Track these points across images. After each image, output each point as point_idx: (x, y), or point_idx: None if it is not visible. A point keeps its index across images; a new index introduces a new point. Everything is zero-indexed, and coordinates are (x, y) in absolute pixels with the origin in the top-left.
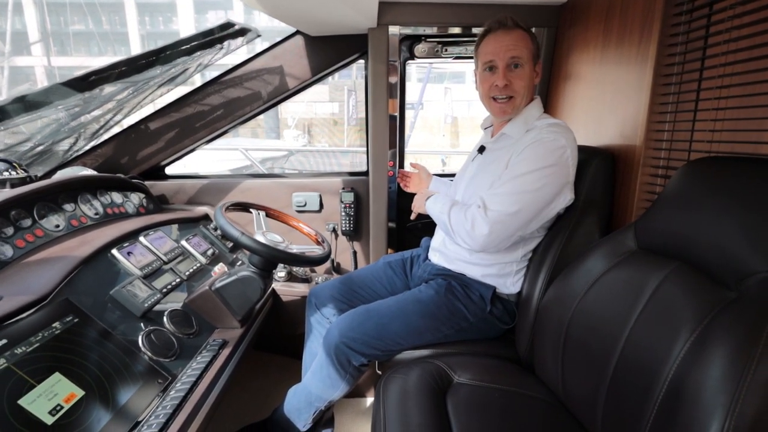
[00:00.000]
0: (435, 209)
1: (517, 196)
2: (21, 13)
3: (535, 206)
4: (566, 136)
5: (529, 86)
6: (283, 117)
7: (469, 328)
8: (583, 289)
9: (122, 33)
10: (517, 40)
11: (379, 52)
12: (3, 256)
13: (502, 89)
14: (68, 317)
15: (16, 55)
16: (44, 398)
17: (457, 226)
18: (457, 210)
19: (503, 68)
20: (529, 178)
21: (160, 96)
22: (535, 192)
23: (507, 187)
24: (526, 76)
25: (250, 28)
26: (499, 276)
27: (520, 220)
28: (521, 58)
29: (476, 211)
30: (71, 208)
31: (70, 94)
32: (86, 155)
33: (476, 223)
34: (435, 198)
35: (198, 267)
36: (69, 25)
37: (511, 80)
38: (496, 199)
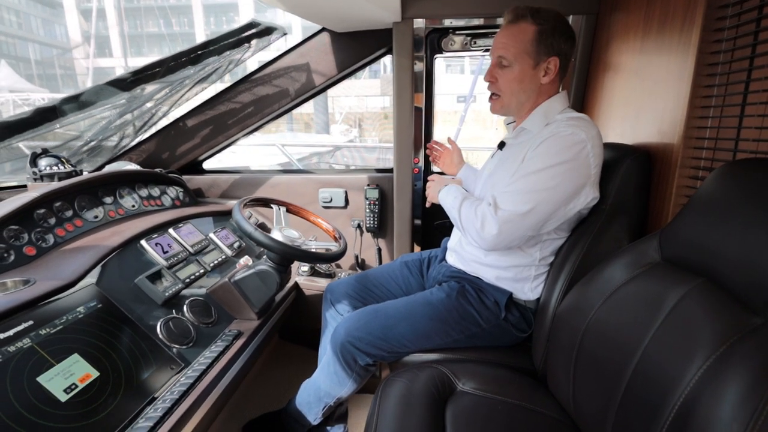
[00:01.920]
0: (447, 201)
1: (529, 194)
2: (104, 18)
3: (549, 206)
4: (587, 130)
5: (520, 87)
6: (331, 112)
7: (481, 334)
8: (600, 299)
9: (190, 33)
10: (509, 38)
11: (403, 47)
12: (45, 244)
13: (490, 86)
14: (92, 302)
15: (99, 56)
16: (61, 377)
17: (466, 222)
18: (468, 205)
19: (492, 65)
20: (542, 175)
21: (195, 95)
22: (548, 191)
23: (519, 185)
24: (513, 76)
25: (276, 26)
26: (515, 280)
27: (532, 220)
28: (506, 58)
29: (486, 209)
30: (110, 201)
31: (115, 94)
32: (132, 151)
33: (486, 221)
34: (448, 189)
35: (223, 259)
36: (144, 28)
37: (498, 78)
38: (507, 198)
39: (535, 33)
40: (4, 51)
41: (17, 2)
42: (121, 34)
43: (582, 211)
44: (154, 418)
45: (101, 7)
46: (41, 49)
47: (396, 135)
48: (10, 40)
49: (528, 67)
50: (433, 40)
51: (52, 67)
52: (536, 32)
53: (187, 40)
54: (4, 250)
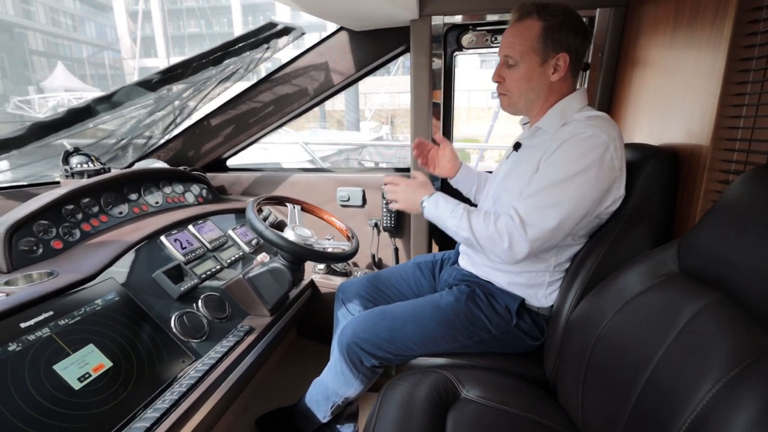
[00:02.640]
0: (443, 218)
1: (557, 208)
2: (150, 20)
3: (577, 216)
4: (608, 130)
5: (528, 86)
6: (362, 109)
7: (490, 341)
8: (614, 309)
9: (229, 33)
10: (514, 36)
11: (420, 45)
12: (71, 238)
13: (498, 86)
14: (110, 295)
15: (145, 56)
16: (76, 366)
17: (486, 241)
18: (479, 221)
19: (499, 64)
20: (569, 184)
21: (218, 95)
22: (576, 200)
23: (545, 197)
24: (520, 75)
25: (294, 26)
26: (528, 286)
27: (561, 232)
28: (512, 56)
29: (512, 226)
30: (135, 197)
31: (143, 94)
32: (160, 149)
33: (514, 240)
34: (435, 202)
35: (240, 255)
36: (186, 28)
37: (505, 77)
38: (535, 214)
39: (541, 29)
40: (60, 53)
41: (73, 7)
42: (165, 34)
43: (601, 216)
44: (161, 409)
45: (147, 9)
46: (93, 51)
47: (413, 134)
48: (66, 42)
49: (535, 65)
50: (453, 37)
51: (102, 67)
52: (542, 28)
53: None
54: (34, 244)
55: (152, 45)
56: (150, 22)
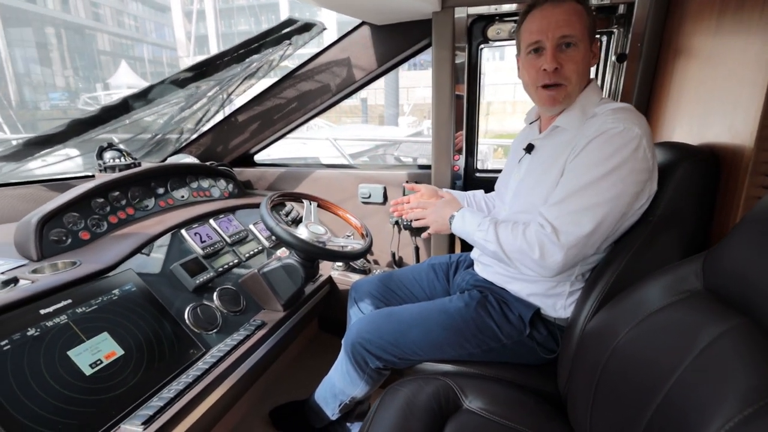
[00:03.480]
0: (469, 229)
1: (592, 210)
2: (204, 19)
3: (613, 218)
4: (639, 122)
5: (584, 70)
6: (402, 103)
7: (501, 350)
8: (629, 324)
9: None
10: (569, 14)
11: (442, 38)
12: (99, 230)
13: (552, 74)
14: (128, 285)
15: (199, 54)
16: (89, 353)
17: (516, 253)
18: (507, 231)
19: (552, 49)
20: (603, 184)
21: (244, 92)
22: (612, 201)
23: (578, 201)
24: (581, 57)
25: (314, 22)
26: (546, 296)
27: (598, 237)
28: (574, 36)
29: (543, 235)
30: (162, 192)
31: (174, 90)
32: (191, 144)
33: (546, 249)
34: (462, 216)
35: (259, 250)
36: (236, 26)
37: (563, 63)
38: (567, 219)
39: (585, 12)
40: (124, 52)
41: (136, 8)
42: (217, 32)
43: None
44: (166, 398)
45: (201, 9)
46: (153, 50)
47: (434, 132)
48: (129, 42)
49: (588, 47)
50: (478, 29)
51: (161, 65)
52: (586, 11)
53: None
54: (63, 234)
55: (205, 43)
56: (204, 21)
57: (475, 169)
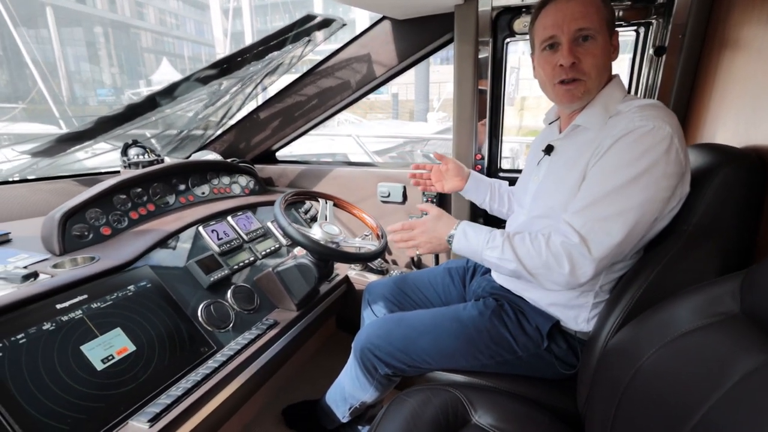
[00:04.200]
0: (474, 249)
1: (623, 216)
2: (240, 16)
3: (645, 224)
4: (669, 120)
5: (604, 64)
6: (431, 98)
7: (515, 362)
8: (656, 344)
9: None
10: (585, 5)
11: (465, 32)
12: (120, 225)
13: (569, 69)
14: (143, 282)
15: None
16: (101, 348)
17: (542, 269)
18: (526, 247)
19: (568, 42)
20: (633, 188)
21: (265, 89)
22: (644, 205)
23: (607, 207)
24: (600, 51)
25: (333, 18)
26: (567, 307)
27: (629, 245)
28: (591, 28)
29: (570, 246)
30: (183, 188)
31: (197, 87)
32: (215, 141)
33: (577, 263)
34: (464, 231)
35: (276, 247)
36: (271, 23)
37: (581, 57)
38: (596, 227)
39: (603, 3)
40: (166, 49)
41: (177, 7)
42: (252, 29)
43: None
44: (173, 396)
45: (238, 6)
46: (192, 47)
47: (455, 129)
48: (170, 40)
49: (608, 40)
50: (504, 22)
51: (200, 62)
52: (604, 3)
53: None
54: (86, 229)
55: (241, 39)
56: (240, 18)
57: (498, 169)
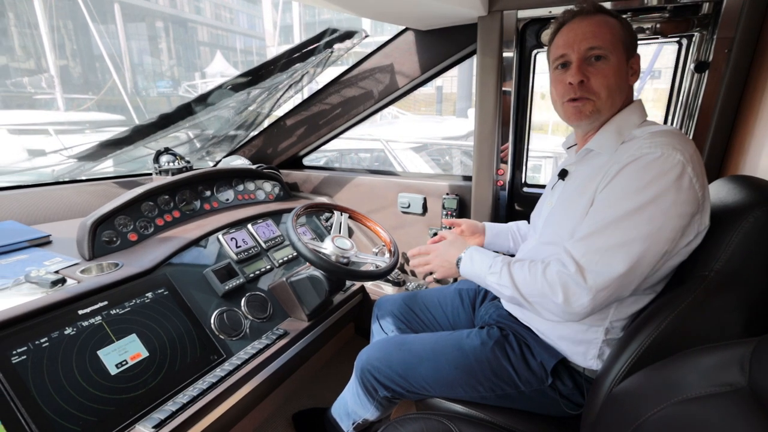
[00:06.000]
0: (478, 273)
1: (626, 248)
2: (290, 10)
3: (652, 257)
4: (683, 148)
5: (617, 85)
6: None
7: (517, 397)
8: (661, 403)
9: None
10: (598, 25)
11: (488, 44)
12: (146, 231)
13: (578, 88)
14: (160, 289)
15: (284, 44)
16: (116, 353)
17: (537, 297)
18: (525, 272)
19: (578, 61)
20: (639, 217)
21: (291, 97)
22: (650, 237)
23: (609, 236)
24: (612, 71)
25: (355, 30)
26: (575, 341)
27: (633, 278)
28: (603, 47)
29: (566, 275)
30: (208, 194)
31: (228, 95)
32: (244, 147)
33: (570, 292)
34: (470, 257)
35: (293, 256)
36: (318, 15)
37: (590, 76)
38: (595, 258)
39: (619, 25)
40: (220, 42)
41: (230, 1)
42: (300, 22)
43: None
44: (179, 403)
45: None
46: (244, 40)
47: (476, 144)
48: (224, 33)
49: (624, 61)
50: (531, 32)
51: (251, 54)
52: (620, 24)
53: (353, 25)
54: (114, 235)
55: (290, 32)
56: (290, 12)
57: (523, 184)
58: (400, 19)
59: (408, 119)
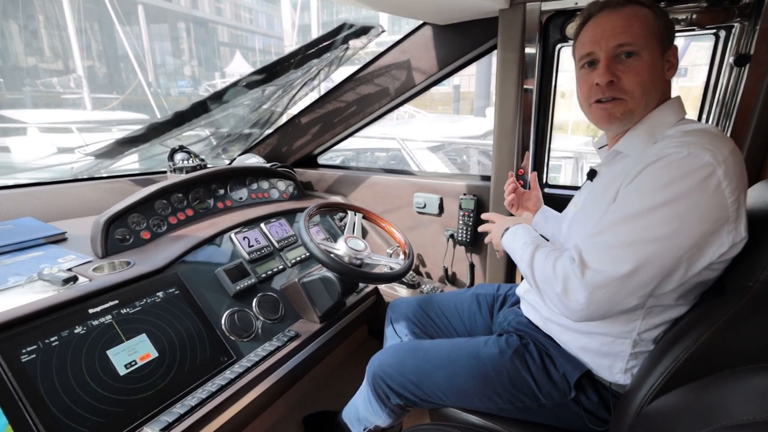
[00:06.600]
0: (514, 250)
1: (632, 248)
2: (308, 9)
3: (663, 264)
4: (714, 148)
5: (652, 83)
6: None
7: (537, 410)
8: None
9: (374, 16)
10: (628, 18)
11: (509, 38)
12: (159, 230)
13: (606, 88)
14: (171, 289)
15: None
16: (126, 353)
17: (543, 282)
18: (542, 257)
19: (606, 59)
20: (651, 218)
21: (306, 95)
22: (661, 241)
23: (616, 234)
24: (646, 68)
25: (371, 25)
26: (600, 354)
27: (637, 283)
28: (634, 43)
29: (569, 266)
30: (221, 193)
31: (242, 93)
32: (258, 145)
33: (570, 285)
34: (514, 231)
35: (306, 256)
36: (336, 14)
37: (621, 75)
38: (599, 254)
39: (653, 15)
40: (239, 42)
41: (250, 2)
42: (318, 21)
43: (713, 266)
44: (187, 405)
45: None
46: (263, 40)
47: (496, 143)
48: (243, 34)
49: (659, 55)
50: (556, 26)
51: (269, 54)
52: (654, 14)
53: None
54: (127, 233)
55: (308, 32)
56: (308, 11)
57: (544, 184)
58: (417, 13)
59: (425, 118)
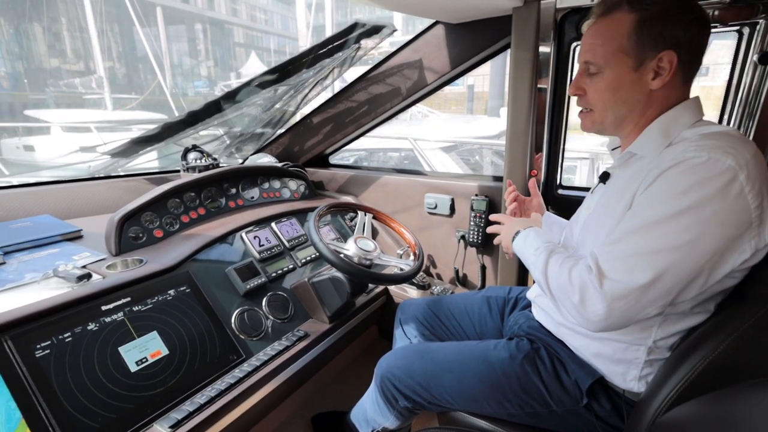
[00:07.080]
0: (526, 255)
1: (652, 257)
2: (323, 9)
3: (683, 273)
4: (736, 153)
5: (616, 99)
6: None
7: (548, 417)
8: None
9: (389, 16)
10: (596, 35)
11: (523, 36)
12: (171, 228)
13: (579, 99)
14: (182, 287)
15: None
16: (137, 350)
17: (558, 290)
18: (557, 263)
19: (579, 73)
20: (672, 226)
21: (317, 94)
22: (682, 249)
23: (635, 243)
24: (604, 86)
25: (383, 24)
26: (613, 361)
27: (657, 293)
28: (593, 63)
29: (587, 276)
30: (233, 192)
31: (254, 93)
32: (271, 144)
33: (587, 295)
34: (525, 235)
35: (316, 255)
36: (351, 15)
37: (586, 89)
38: (616, 263)
39: (634, 23)
40: (255, 43)
41: (266, 2)
42: (332, 22)
43: (735, 274)
44: (197, 403)
45: (321, 0)
46: (278, 41)
47: (509, 143)
48: (259, 34)
49: (627, 70)
50: (571, 23)
51: (284, 55)
52: (636, 22)
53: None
54: (140, 232)
55: (323, 32)
56: (323, 12)
57: (557, 185)
58: (430, 12)
59: (438, 118)
